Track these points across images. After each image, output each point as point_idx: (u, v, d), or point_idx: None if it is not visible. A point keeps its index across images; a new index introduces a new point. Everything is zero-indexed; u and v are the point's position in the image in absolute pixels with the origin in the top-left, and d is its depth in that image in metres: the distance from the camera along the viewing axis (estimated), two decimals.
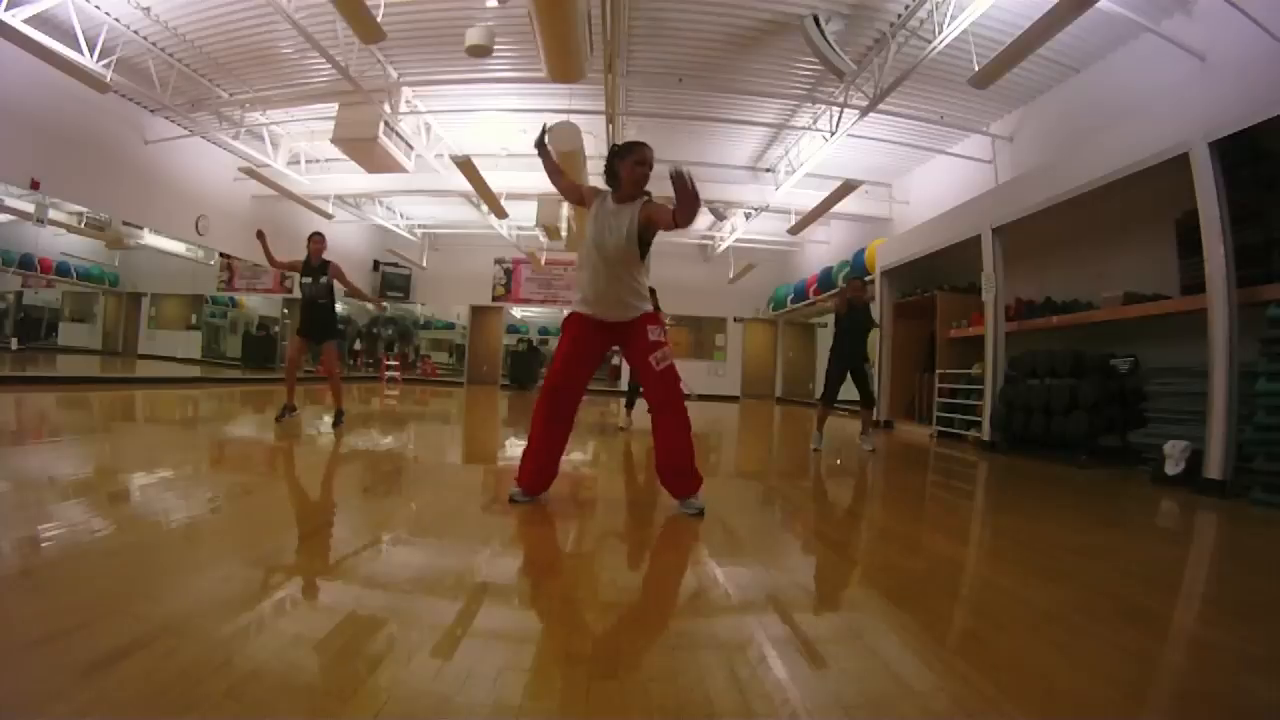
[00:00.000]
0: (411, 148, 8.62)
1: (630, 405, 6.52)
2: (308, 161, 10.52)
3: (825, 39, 5.96)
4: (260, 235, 5.29)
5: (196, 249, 12.84)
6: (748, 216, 11.46)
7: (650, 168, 2.57)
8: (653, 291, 6.06)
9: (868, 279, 8.98)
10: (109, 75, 6.79)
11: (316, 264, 5.11)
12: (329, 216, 11.49)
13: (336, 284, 5.20)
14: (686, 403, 2.68)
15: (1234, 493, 3.60)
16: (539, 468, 2.59)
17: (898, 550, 2.36)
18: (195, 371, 11.45)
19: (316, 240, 5.14)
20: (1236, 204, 3.86)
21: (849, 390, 5.64)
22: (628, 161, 2.55)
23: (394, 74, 7.52)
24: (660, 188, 2.71)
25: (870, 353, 5.61)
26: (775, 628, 1.46)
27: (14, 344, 12.66)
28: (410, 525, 2.34)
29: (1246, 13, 4.34)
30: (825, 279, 11.35)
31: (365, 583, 1.63)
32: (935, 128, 8.00)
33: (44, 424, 4.53)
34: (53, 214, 11.27)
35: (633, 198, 2.58)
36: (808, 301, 12.32)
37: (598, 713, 1.05)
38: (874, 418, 8.27)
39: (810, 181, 9.39)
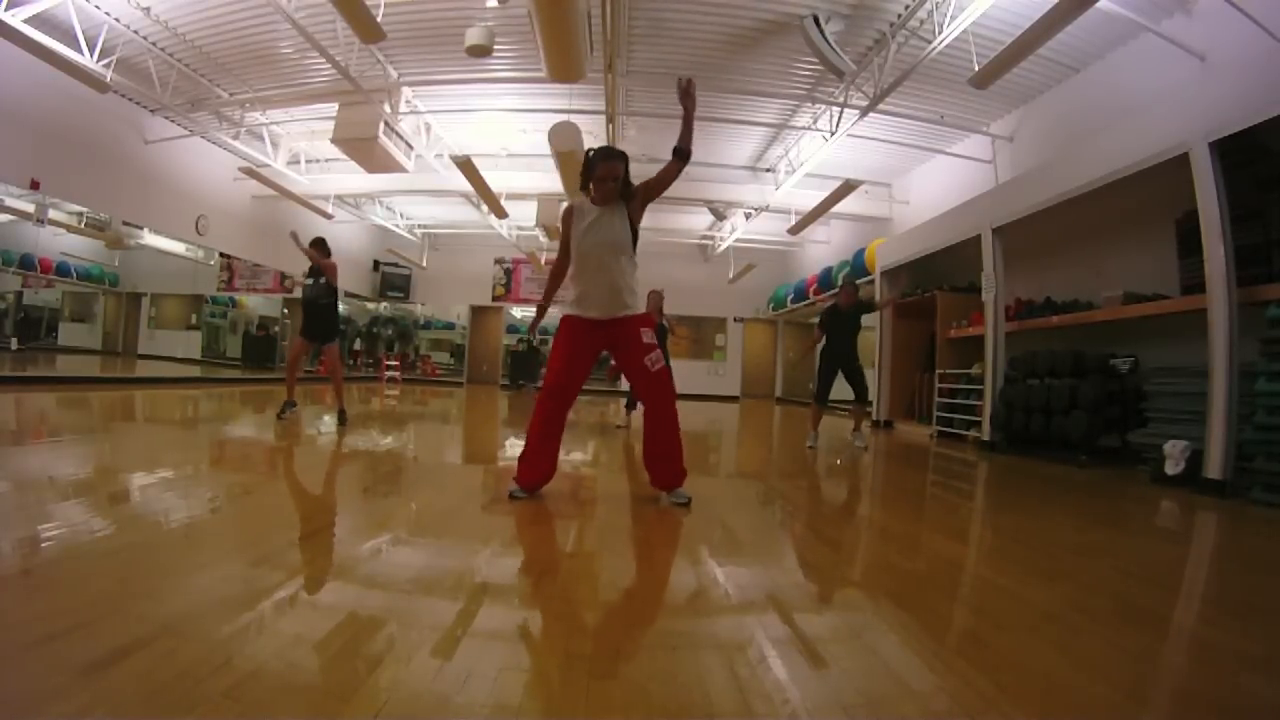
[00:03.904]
0: (411, 148, 8.62)
1: (631, 407, 6.53)
2: (308, 161, 10.52)
3: (825, 39, 5.96)
4: (294, 235, 5.55)
5: (196, 249, 12.84)
6: (748, 216, 11.46)
7: (615, 179, 2.58)
8: (660, 295, 6.09)
9: (867, 279, 9.01)
10: (109, 75, 6.79)
11: (317, 267, 5.19)
12: (329, 216, 11.49)
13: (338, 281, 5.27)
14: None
15: (1234, 493, 3.60)
16: (539, 464, 2.66)
17: (898, 550, 2.36)
18: (195, 371, 11.46)
19: (315, 250, 5.20)
20: (1236, 204, 3.86)
21: (847, 391, 5.66)
22: (598, 174, 2.58)
23: (394, 74, 7.52)
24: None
25: (864, 356, 5.63)
26: (775, 628, 1.46)
27: (14, 344, 12.66)
28: (410, 525, 2.34)
29: (1246, 13, 4.34)
30: (825, 279, 11.35)
31: (365, 583, 1.63)
32: (935, 128, 7.99)
33: (44, 424, 4.53)
34: (53, 214, 11.26)
35: (615, 199, 2.64)
36: (808, 302, 12.32)
37: (598, 713, 1.05)
38: (873, 417, 8.31)
39: (810, 181, 9.39)
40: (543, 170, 9.46)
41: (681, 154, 2.60)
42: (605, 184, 2.59)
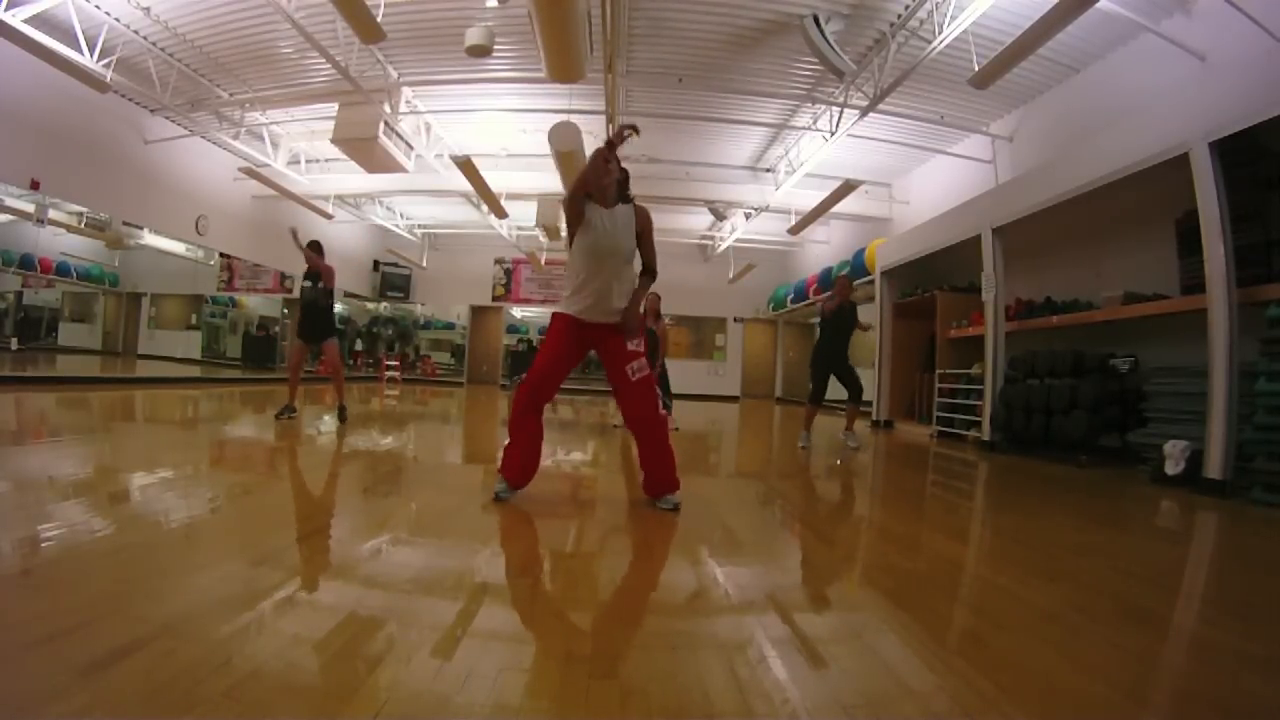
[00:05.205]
0: (411, 148, 8.63)
1: None
2: (308, 161, 10.52)
3: (825, 39, 5.96)
4: (293, 231, 5.50)
5: (196, 249, 12.85)
6: (748, 216, 11.46)
7: (606, 159, 2.57)
8: (658, 297, 6.07)
9: (867, 279, 9.01)
10: (109, 75, 6.79)
11: (316, 270, 5.22)
12: (329, 216, 11.49)
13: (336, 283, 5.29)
14: (673, 432, 2.71)
15: (1234, 493, 3.60)
16: (525, 462, 2.63)
17: (898, 550, 2.36)
18: (195, 371, 11.46)
19: (311, 253, 5.23)
20: (1236, 204, 3.85)
21: (840, 390, 5.66)
22: (591, 155, 2.60)
23: (394, 74, 7.52)
24: (634, 186, 2.77)
25: (861, 353, 5.62)
26: (775, 628, 1.46)
27: (14, 344, 12.66)
28: (410, 525, 2.34)
29: (1246, 13, 4.34)
30: (825, 279, 11.35)
31: (365, 583, 1.63)
32: (935, 128, 7.99)
33: (44, 424, 4.53)
34: (53, 214, 11.27)
35: (615, 199, 2.64)
36: (808, 301, 12.32)
37: (598, 713, 1.05)
38: (872, 417, 8.31)
39: (810, 181, 9.39)
40: (543, 170, 9.45)
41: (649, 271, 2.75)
42: (597, 161, 2.54)
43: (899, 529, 2.76)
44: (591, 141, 8.05)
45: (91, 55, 6.61)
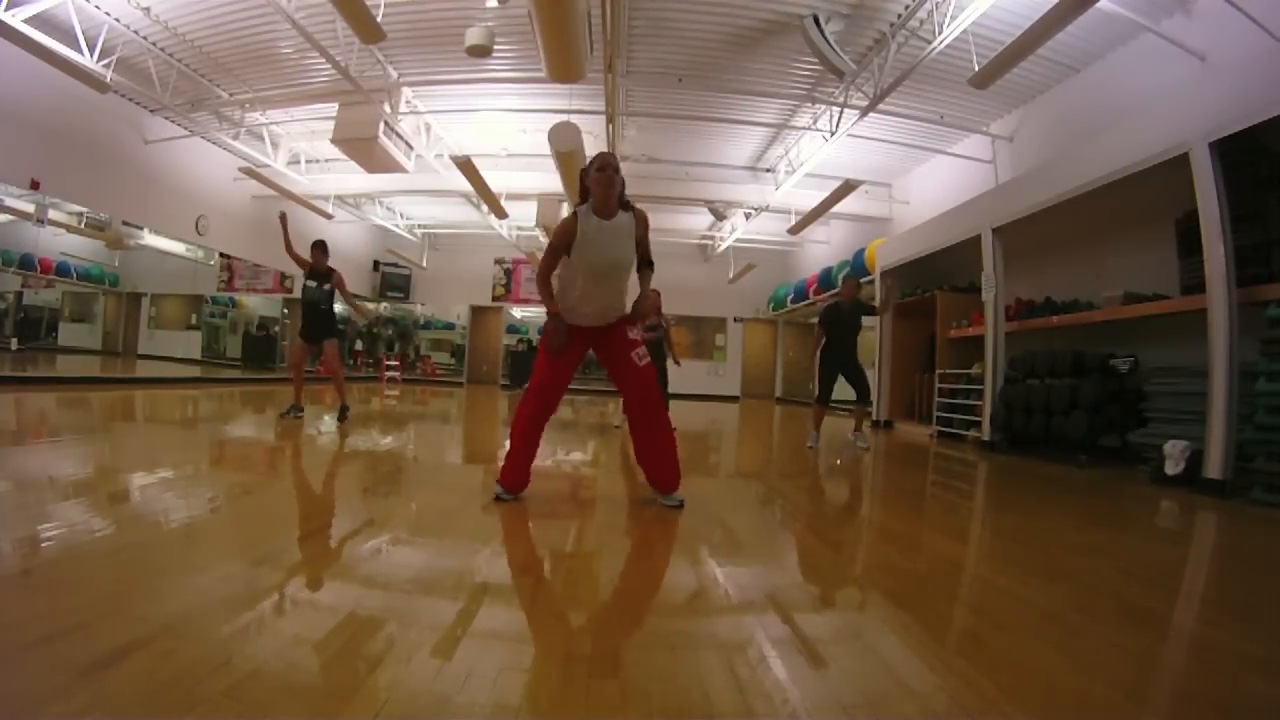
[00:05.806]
0: (411, 148, 8.63)
1: None
2: (308, 161, 10.53)
3: (825, 39, 5.96)
4: (282, 217, 5.32)
5: (196, 249, 12.85)
6: (748, 216, 11.46)
7: (615, 170, 2.49)
8: (657, 294, 6.08)
9: (867, 279, 9.01)
10: (109, 75, 6.79)
11: (322, 270, 5.19)
12: (329, 216, 11.49)
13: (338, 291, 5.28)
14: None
15: (1234, 493, 3.60)
16: (523, 466, 2.66)
17: (898, 550, 2.36)
18: (195, 372, 11.46)
19: (318, 253, 5.22)
20: (1236, 204, 3.85)
21: (846, 390, 5.66)
22: (590, 172, 2.50)
23: (394, 74, 7.52)
24: (634, 187, 2.73)
25: (861, 353, 5.64)
26: (775, 628, 1.46)
27: (14, 344, 12.66)
28: (410, 525, 2.34)
29: (1246, 13, 4.34)
30: (825, 279, 11.36)
31: (365, 583, 1.63)
32: (935, 128, 8.00)
33: (44, 424, 4.53)
34: (53, 214, 11.28)
35: (616, 209, 2.53)
36: (808, 301, 12.32)
37: (598, 713, 1.05)
38: (873, 417, 8.31)
39: (810, 181, 9.40)
40: (543, 170, 9.46)
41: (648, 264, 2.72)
42: (605, 174, 2.46)
43: (899, 529, 2.76)
44: (591, 141, 8.06)
45: (91, 55, 6.61)
